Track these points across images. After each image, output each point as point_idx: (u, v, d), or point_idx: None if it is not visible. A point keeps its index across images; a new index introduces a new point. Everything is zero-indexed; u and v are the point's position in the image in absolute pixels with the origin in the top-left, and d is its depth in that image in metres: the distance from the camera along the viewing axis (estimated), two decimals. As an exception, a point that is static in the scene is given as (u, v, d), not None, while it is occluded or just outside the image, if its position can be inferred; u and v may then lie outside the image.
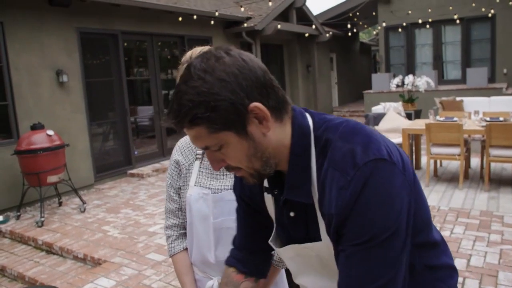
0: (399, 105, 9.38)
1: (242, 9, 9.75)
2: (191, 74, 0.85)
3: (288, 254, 1.06)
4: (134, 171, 7.68)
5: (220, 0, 11.14)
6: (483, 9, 11.82)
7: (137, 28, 7.95)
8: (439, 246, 1.06)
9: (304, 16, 12.85)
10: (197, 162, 1.54)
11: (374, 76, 13.24)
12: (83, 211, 5.67)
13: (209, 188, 1.49)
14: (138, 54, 8.64)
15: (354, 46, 19.60)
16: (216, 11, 8.99)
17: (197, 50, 1.44)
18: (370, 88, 14.07)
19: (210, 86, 0.83)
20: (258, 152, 0.90)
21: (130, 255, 4.15)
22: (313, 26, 12.87)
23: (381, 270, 0.85)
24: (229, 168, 0.94)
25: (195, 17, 8.72)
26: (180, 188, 1.57)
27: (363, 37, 23.68)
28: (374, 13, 14.17)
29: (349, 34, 15.87)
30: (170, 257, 1.62)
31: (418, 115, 9.27)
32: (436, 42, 13.20)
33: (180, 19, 8.55)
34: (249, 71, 0.87)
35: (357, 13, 14.12)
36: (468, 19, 12.30)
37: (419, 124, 6.39)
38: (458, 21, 12.25)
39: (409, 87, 9.55)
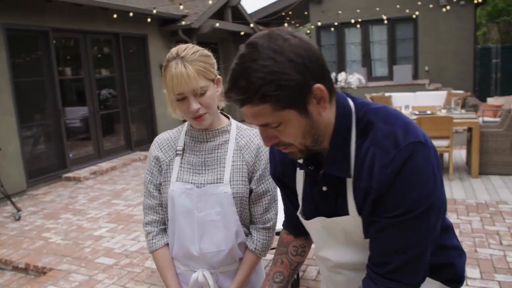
0: (333, 101, 9.75)
1: (181, 6, 9.62)
2: (260, 53, 0.88)
3: (315, 226, 1.14)
4: (70, 174, 7.34)
5: (154, -3, 10.92)
6: (407, 11, 12.60)
7: (69, 25, 7.59)
8: (451, 229, 1.19)
9: (239, 15, 12.93)
10: (178, 158, 1.55)
11: (307, 74, 13.63)
12: (18, 219, 5.33)
13: (192, 183, 1.51)
14: (71, 52, 8.25)
15: (286, 44, 20.03)
16: (154, 8, 8.80)
17: (182, 47, 1.44)
18: (304, 85, 14.46)
19: (281, 66, 0.87)
20: (313, 130, 0.96)
21: (78, 261, 3.99)
22: (251, 25, 13.00)
23: (414, 242, 0.94)
24: (279, 145, 0.99)
25: (131, 14, 8.48)
26: (160, 184, 1.57)
27: (294, 35, 24.15)
28: (306, 13, 14.58)
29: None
30: (150, 253, 1.61)
31: (351, 110, 9.69)
32: (364, 41, 13.87)
33: (115, 16, 8.28)
34: (313, 53, 0.92)
35: (290, 13, 14.45)
36: (393, 20, 13.05)
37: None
38: (385, 21, 12.96)
39: (342, 84, 9.98)
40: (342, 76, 9.99)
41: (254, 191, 1.54)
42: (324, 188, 1.08)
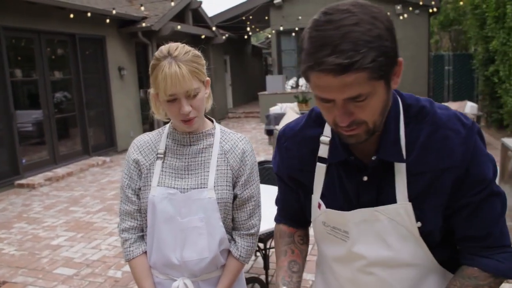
0: (294, 105, 9.85)
1: (143, 8, 9.40)
2: (360, 18, 0.83)
3: (354, 219, 1.06)
4: (23, 181, 6.98)
5: (112, -3, 10.64)
6: (364, 17, 12.90)
7: (22, 24, 7.24)
8: None
9: (199, 18, 12.85)
10: (159, 162, 1.47)
11: (268, 78, 13.71)
12: (-33, 228, 5.02)
13: (175, 188, 1.44)
14: (24, 53, 7.86)
15: (247, 48, 20.09)
16: (113, 9, 8.55)
17: (173, 46, 1.37)
18: (263, 89, 14.54)
19: (383, 32, 0.84)
20: (387, 106, 0.95)
21: (35, 272, 3.77)
22: (214, 28, 12.93)
23: (500, 207, 1.02)
24: (352, 124, 0.91)
25: (89, 14, 8.20)
26: (140, 189, 1.49)
27: (253, 40, 24.35)
28: (266, 17, 14.67)
29: (245, 37, 16.21)
30: (127, 261, 1.52)
31: (312, 115, 9.82)
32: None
33: (72, 16, 7.98)
34: (393, 25, 0.89)
35: (250, 17, 14.49)
36: (351, 26, 13.32)
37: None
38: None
39: (303, 88, 10.10)
40: (303, 80, 10.12)
41: (238, 197, 1.49)
42: (365, 178, 1.03)
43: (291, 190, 1.23)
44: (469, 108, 8.05)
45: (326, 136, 1.09)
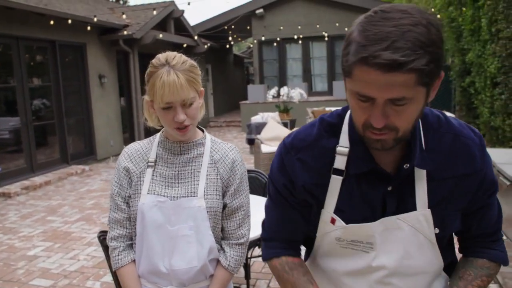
0: (275, 115, 9.89)
1: (124, 16, 9.35)
2: (418, 20, 0.82)
3: (378, 229, 1.04)
4: (-2, 190, 6.82)
5: (93, 5, 10.56)
6: (346, 29, 13.11)
7: (0, 30, 7.12)
8: None
9: (181, 27, 12.84)
10: (149, 170, 1.48)
11: (249, 87, 13.75)
12: None
13: (165, 196, 1.44)
14: (2, 59, 7.71)
15: (228, 58, 20.14)
16: (95, 16, 8.48)
17: (171, 55, 1.38)
18: (244, 99, 14.59)
19: (437, 39, 0.83)
20: (420, 116, 0.94)
21: (10, 284, 3.67)
22: (196, 37, 12.93)
23: (499, 205, 1.14)
24: (384, 129, 0.89)
25: (69, 21, 8.11)
26: (130, 197, 1.48)
27: (234, 49, 24.45)
28: (248, 27, 14.75)
29: (227, 46, 16.25)
30: (115, 270, 1.51)
31: (293, 124, 9.88)
32: (305, 57, 14.25)
33: (52, 22, 7.87)
34: None
35: (232, 26, 14.55)
36: (333, 37, 13.51)
37: (299, 133, 6.81)
38: (326, 38, 13.39)
39: (285, 98, 10.15)
40: (284, 90, 10.17)
41: (228, 206, 1.50)
42: (390, 188, 1.02)
43: (300, 207, 1.13)
44: (447, 118, 8.22)
45: (343, 146, 1.05)
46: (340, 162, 1.04)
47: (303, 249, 1.27)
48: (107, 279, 3.65)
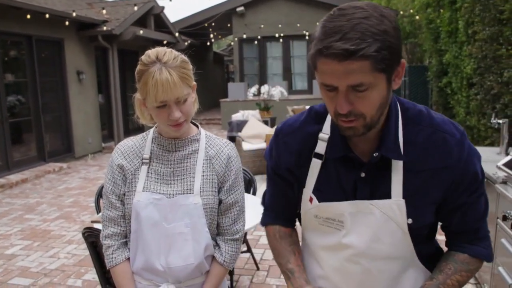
0: (256, 113, 9.91)
1: (104, 11, 9.21)
2: (371, 13, 0.91)
3: (352, 210, 1.12)
4: (-27, 187, 6.66)
5: (71, 0, 10.37)
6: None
7: (-25, 24, 6.94)
8: None
9: (162, 24, 12.73)
10: (144, 167, 1.46)
11: (230, 85, 13.73)
12: None
13: (161, 193, 1.43)
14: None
15: (208, 55, 20.06)
16: (73, 11, 8.33)
17: (161, 51, 1.36)
18: (224, 96, 14.55)
19: (390, 29, 0.91)
20: (385, 103, 1.01)
21: (-12, 283, 3.60)
22: (176, 34, 12.83)
23: (486, 204, 1.15)
24: (350, 115, 0.97)
25: (47, 16, 7.95)
26: (124, 195, 1.47)
27: (214, 47, 24.35)
28: (229, 25, 14.72)
29: (207, 43, 16.16)
30: (110, 268, 1.50)
31: (273, 122, 9.92)
32: (285, 55, 14.30)
33: (28, 16, 7.71)
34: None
35: (213, 24, 14.50)
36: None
37: (280, 131, 6.86)
38: (306, 37, 13.46)
39: (265, 96, 10.18)
40: (265, 88, 10.19)
41: (223, 202, 1.50)
42: (363, 174, 1.10)
43: (287, 185, 1.25)
44: (424, 117, 8.36)
45: (324, 133, 1.14)
46: (321, 147, 1.14)
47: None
48: (88, 277, 3.62)
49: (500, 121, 3.50)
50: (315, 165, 1.16)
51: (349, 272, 1.17)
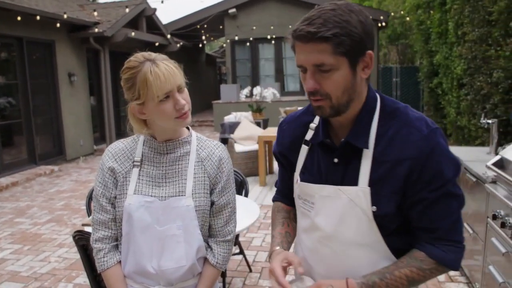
0: (249, 114, 9.92)
1: (95, 13, 9.17)
2: (339, 7, 1.06)
3: (321, 192, 1.22)
4: (-37, 191, 6.59)
5: (62, 2, 10.32)
6: (317, 29, 13.24)
7: (-36, 26, 6.88)
8: None
9: (153, 25, 12.70)
10: (135, 170, 1.45)
11: (222, 87, 13.73)
12: None
13: (153, 196, 1.42)
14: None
15: (201, 57, 20.04)
16: (65, 13, 8.29)
17: (146, 53, 1.38)
18: (217, 98, 14.53)
19: (353, 21, 1.05)
20: (351, 89, 1.11)
21: (-23, 287, 3.56)
22: (168, 36, 12.80)
23: (456, 206, 1.15)
24: (316, 93, 1.10)
25: (38, 18, 7.90)
26: (115, 198, 1.45)
27: (207, 49, 24.33)
28: (221, 27, 14.71)
29: (200, 45, 16.13)
30: (101, 272, 1.48)
31: (266, 123, 9.92)
32: (278, 57, 14.32)
33: (19, 18, 7.65)
34: (372, 26, 1.10)
35: (205, 26, 14.48)
36: (304, 37, 13.60)
37: (272, 132, 6.86)
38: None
39: (258, 97, 10.20)
40: (257, 90, 10.22)
41: (216, 204, 1.50)
42: (336, 160, 1.20)
43: (285, 169, 1.40)
44: (416, 118, 8.39)
45: (315, 123, 1.28)
46: (309, 135, 1.29)
47: None
48: (79, 281, 3.59)
49: (490, 121, 3.53)
50: (303, 150, 1.29)
51: (321, 254, 1.25)
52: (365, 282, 1.12)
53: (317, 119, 1.27)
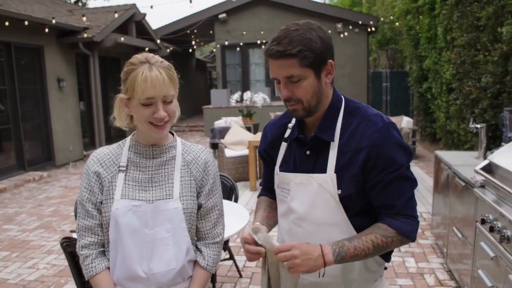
0: (239, 119, 9.91)
1: (84, 18, 9.12)
2: (301, 27, 1.27)
3: (295, 180, 1.42)
4: (-51, 198, 6.49)
5: (51, 7, 10.26)
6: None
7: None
8: None
9: (143, 30, 12.67)
10: (121, 175, 1.45)
11: (213, 92, 13.71)
12: None
13: (140, 200, 1.43)
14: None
15: (191, 62, 20.02)
16: (53, 18, 8.23)
17: (149, 54, 1.41)
18: (207, 103, 14.52)
19: (314, 37, 1.27)
20: (319, 92, 1.33)
21: (-37, 296, 3.50)
22: (158, 41, 12.77)
23: (409, 186, 1.35)
24: (290, 100, 1.32)
25: (26, 23, 7.83)
26: (101, 203, 1.45)
27: (197, 54, 24.32)
28: (211, 32, 14.72)
29: (190, 50, 16.10)
30: (89, 278, 1.46)
31: (256, 128, 9.92)
32: (268, 62, 14.32)
33: (7, 23, 7.59)
34: (330, 40, 1.32)
35: (195, 31, 14.48)
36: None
37: (263, 137, 6.86)
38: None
39: (248, 102, 10.19)
40: (247, 95, 10.20)
41: (203, 206, 1.52)
42: (308, 152, 1.40)
43: (268, 165, 1.59)
44: (405, 122, 8.41)
45: (292, 123, 1.49)
46: (288, 134, 1.49)
47: None
48: (68, 288, 3.55)
49: (479, 126, 3.56)
50: (283, 147, 1.50)
51: (295, 234, 1.43)
52: (335, 243, 1.29)
53: (293, 120, 1.47)
